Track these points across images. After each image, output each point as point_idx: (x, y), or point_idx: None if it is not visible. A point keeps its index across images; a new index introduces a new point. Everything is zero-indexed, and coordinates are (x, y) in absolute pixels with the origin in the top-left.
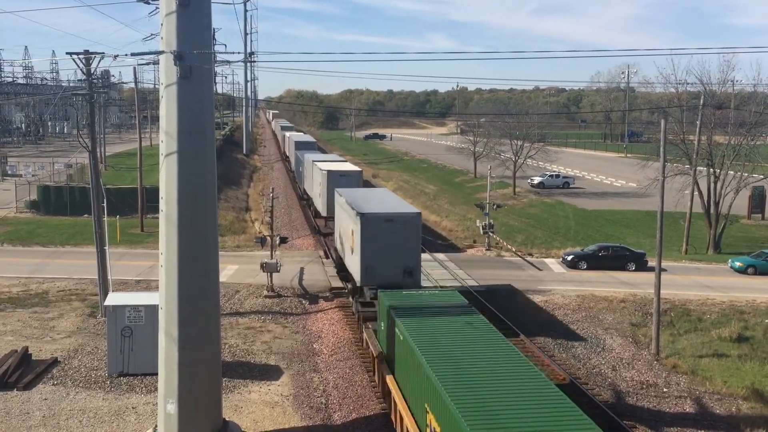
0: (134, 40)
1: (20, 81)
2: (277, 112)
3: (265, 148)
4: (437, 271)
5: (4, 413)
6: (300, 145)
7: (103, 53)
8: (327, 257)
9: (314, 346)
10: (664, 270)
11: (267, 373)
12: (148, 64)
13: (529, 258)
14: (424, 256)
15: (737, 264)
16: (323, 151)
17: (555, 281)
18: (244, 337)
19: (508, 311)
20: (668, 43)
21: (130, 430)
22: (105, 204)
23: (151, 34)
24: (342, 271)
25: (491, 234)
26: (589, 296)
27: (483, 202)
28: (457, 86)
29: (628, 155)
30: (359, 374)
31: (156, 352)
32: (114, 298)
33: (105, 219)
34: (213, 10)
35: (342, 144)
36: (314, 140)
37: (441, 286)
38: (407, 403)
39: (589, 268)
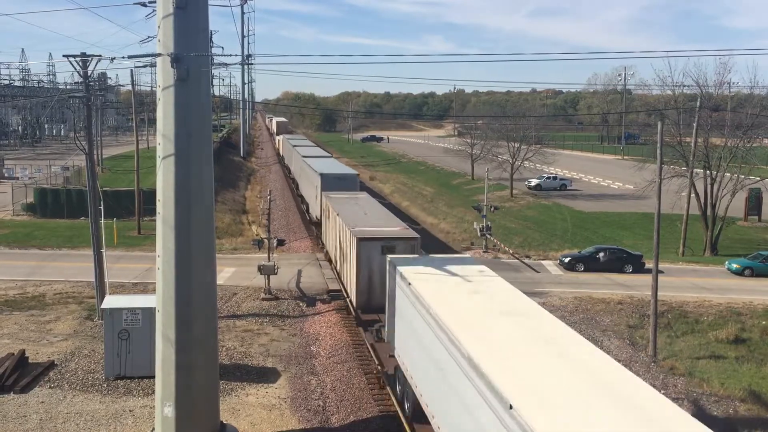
0: (131, 42)
1: (17, 83)
2: (284, 120)
3: (263, 151)
4: None
5: (1, 416)
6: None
7: (100, 56)
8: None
9: (312, 348)
10: (661, 272)
11: (264, 375)
12: (145, 66)
13: (526, 260)
14: None
15: (734, 266)
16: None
17: (552, 283)
18: (242, 340)
19: None
20: (665, 46)
21: None
22: (102, 206)
23: (148, 37)
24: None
25: (488, 236)
26: (587, 298)
27: (480, 204)
28: (455, 88)
29: (625, 157)
30: (357, 376)
31: (153, 354)
32: (111, 301)
33: (102, 222)
34: (210, 13)
35: (339, 146)
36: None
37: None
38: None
39: (586, 270)
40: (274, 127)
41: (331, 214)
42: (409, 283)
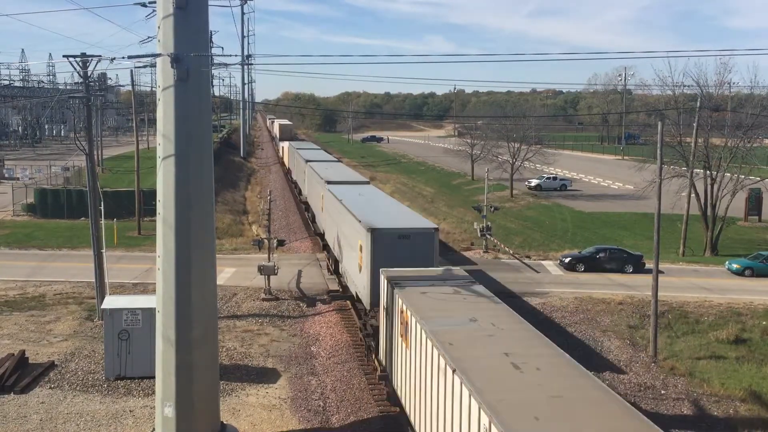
0: (131, 42)
1: (17, 84)
2: (289, 123)
3: (263, 151)
4: None
5: (1, 417)
6: None
7: (100, 56)
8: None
9: (312, 348)
10: (662, 272)
11: (265, 376)
12: (145, 66)
13: (526, 260)
14: None
15: (734, 266)
16: None
17: (552, 283)
18: (242, 340)
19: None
20: (665, 46)
21: None
22: (102, 207)
23: (149, 37)
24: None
25: (489, 236)
26: (587, 298)
27: (480, 204)
28: (455, 89)
29: (625, 157)
30: (357, 377)
31: (153, 355)
32: (111, 302)
33: (102, 222)
34: (210, 13)
35: (340, 147)
36: None
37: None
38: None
39: (586, 271)
40: (276, 131)
41: (426, 348)
42: None
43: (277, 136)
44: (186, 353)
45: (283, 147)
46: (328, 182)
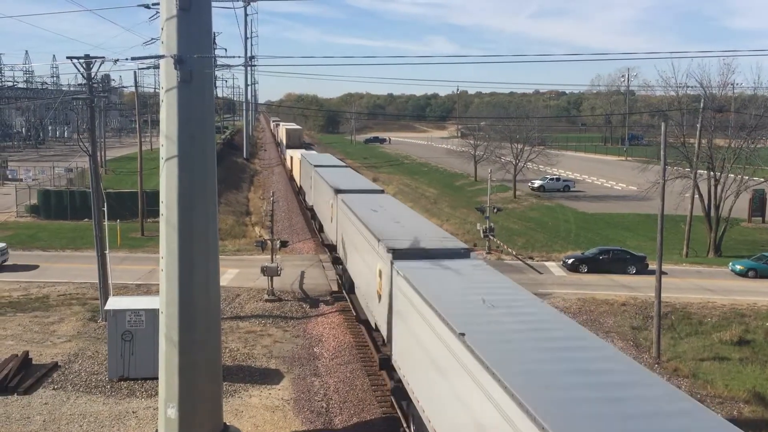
0: (135, 44)
1: (21, 85)
2: (297, 127)
3: (266, 152)
4: None
5: (5, 418)
6: None
7: (104, 57)
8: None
9: (315, 349)
10: (665, 273)
11: (268, 377)
12: (148, 68)
13: (529, 261)
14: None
15: (738, 267)
16: None
17: (556, 284)
18: (245, 341)
19: None
20: (668, 47)
21: None
22: (105, 208)
23: (152, 39)
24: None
25: (492, 237)
26: (590, 299)
27: (483, 205)
28: (458, 90)
29: (629, 158)
30: (360, 378)
31: (156, 356)
32: (114, 303)
33: (105, 223)
34: (213, 14)
35: (342, 148)
36: None
37: None
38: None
39: (589, 272)
40: (282, 136)
41: None
42: None
43: (284, 142)
44: (189, 354)
45: (292, 157)
46: (407, 278)
